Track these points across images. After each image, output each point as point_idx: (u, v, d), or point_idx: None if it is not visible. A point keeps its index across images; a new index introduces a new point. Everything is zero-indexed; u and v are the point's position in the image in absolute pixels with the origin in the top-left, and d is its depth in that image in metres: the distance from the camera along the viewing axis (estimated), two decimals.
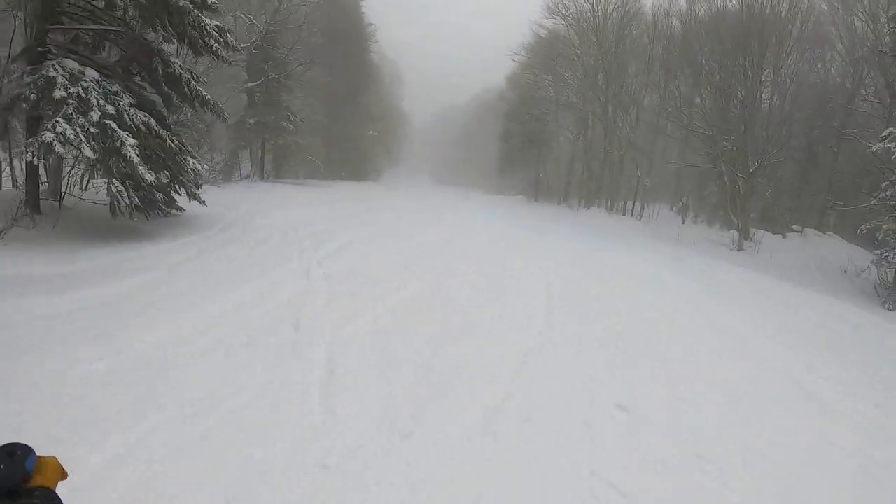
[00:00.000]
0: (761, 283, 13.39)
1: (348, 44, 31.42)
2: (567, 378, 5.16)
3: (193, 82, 10.33)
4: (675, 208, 33.44)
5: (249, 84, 22.97)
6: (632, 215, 26.77)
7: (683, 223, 28.98)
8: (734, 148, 21.78)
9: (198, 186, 12.40)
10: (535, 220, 21.31)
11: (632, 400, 4.81)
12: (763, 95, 21.00)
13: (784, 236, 24.29)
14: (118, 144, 8.75)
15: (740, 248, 21.29)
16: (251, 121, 22.40)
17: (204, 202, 11.61)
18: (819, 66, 24.60)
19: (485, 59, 43.18)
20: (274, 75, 22.21)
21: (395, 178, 46.15)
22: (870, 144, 16.11)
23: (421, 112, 65.92)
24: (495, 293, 8.13)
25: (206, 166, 20.52)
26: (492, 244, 13.33)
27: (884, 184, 15.03)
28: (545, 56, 27.85)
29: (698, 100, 23.00)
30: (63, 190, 10.16)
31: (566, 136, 30.18)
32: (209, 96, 10.59)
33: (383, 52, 42.26)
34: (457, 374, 4.94)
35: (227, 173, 23.65)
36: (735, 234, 22.42)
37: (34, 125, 8.87)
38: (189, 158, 10.82)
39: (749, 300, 10.94)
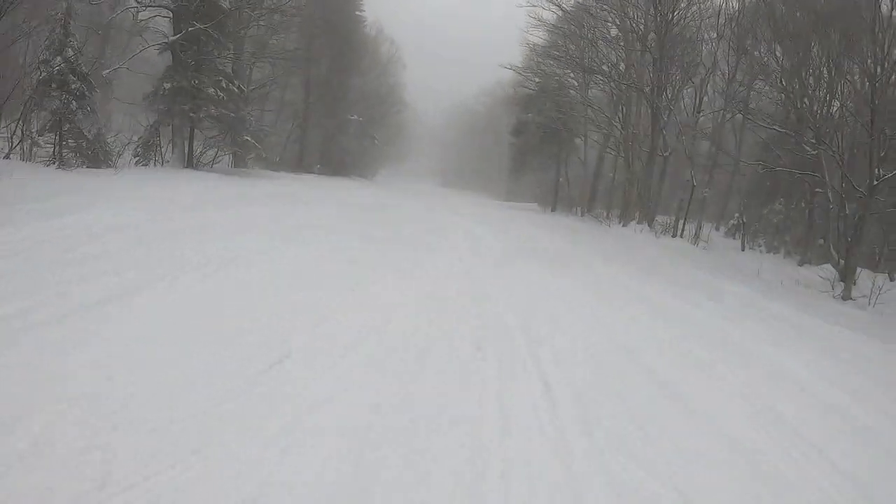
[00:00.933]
0: None
1: (328, 4, 25.27)
2: None
3: None
4: (722, 228, 26.84)
5: (171, 38, 17.00)
6: (681, 237, 20.05)
7: (744, 250, 22.40)
8: (816, 151, 15.07)
9: None
10: (561, 245, 13.88)
11: None
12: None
13: (892, 278, 17.66)
14: None
15: (846, 297, 14.62)
16: (167, 85, 16.37)
17: None
18: None
19: (499, 46, 36.73)
20: (198, 25, 16.15)
21: (393, 178, 40.07)
22: None
23: (428, 106, 58.53)
24: None
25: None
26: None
27: None
28: (574, 7, 20.94)
29: (795, 81, 16.13)
30: None
31: (596, 129, 23.18)
32: None
33: (381, 25, 35.95)
34: None
35: (145, 156, 17.71)
36: (833, 273, 15.78)
37: None
38: None
39: None
